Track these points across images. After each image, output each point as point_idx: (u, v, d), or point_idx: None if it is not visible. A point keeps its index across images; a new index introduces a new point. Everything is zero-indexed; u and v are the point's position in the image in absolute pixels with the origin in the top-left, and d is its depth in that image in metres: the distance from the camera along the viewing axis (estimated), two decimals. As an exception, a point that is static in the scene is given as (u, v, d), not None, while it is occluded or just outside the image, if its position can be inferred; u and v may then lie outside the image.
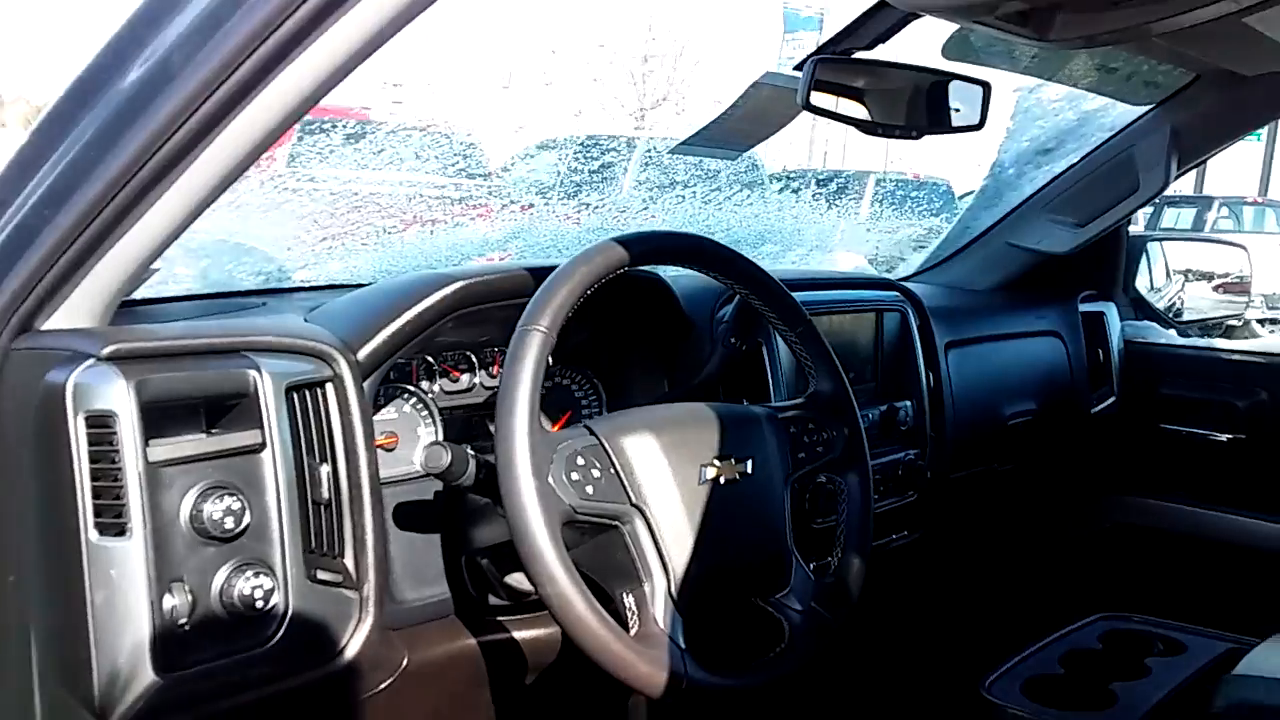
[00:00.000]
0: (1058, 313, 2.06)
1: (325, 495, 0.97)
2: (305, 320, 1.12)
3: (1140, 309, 2.28)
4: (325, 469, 0.98)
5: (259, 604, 0.90)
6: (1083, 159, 1.95)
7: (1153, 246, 2.38)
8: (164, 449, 0.88)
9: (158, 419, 0.88)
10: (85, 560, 0.84)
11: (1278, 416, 1.92)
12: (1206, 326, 2.58)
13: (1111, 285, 2.21)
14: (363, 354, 1.06)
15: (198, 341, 0.94)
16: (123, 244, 0.87)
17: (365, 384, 1.06)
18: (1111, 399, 2.07)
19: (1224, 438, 1.96)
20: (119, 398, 0.85)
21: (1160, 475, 2.05)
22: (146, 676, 0.84)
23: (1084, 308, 2.10)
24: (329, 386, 1.01)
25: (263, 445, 0.93)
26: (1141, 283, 2.32)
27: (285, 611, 0.93)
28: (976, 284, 2.11)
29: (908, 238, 2.90)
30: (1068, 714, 1.13)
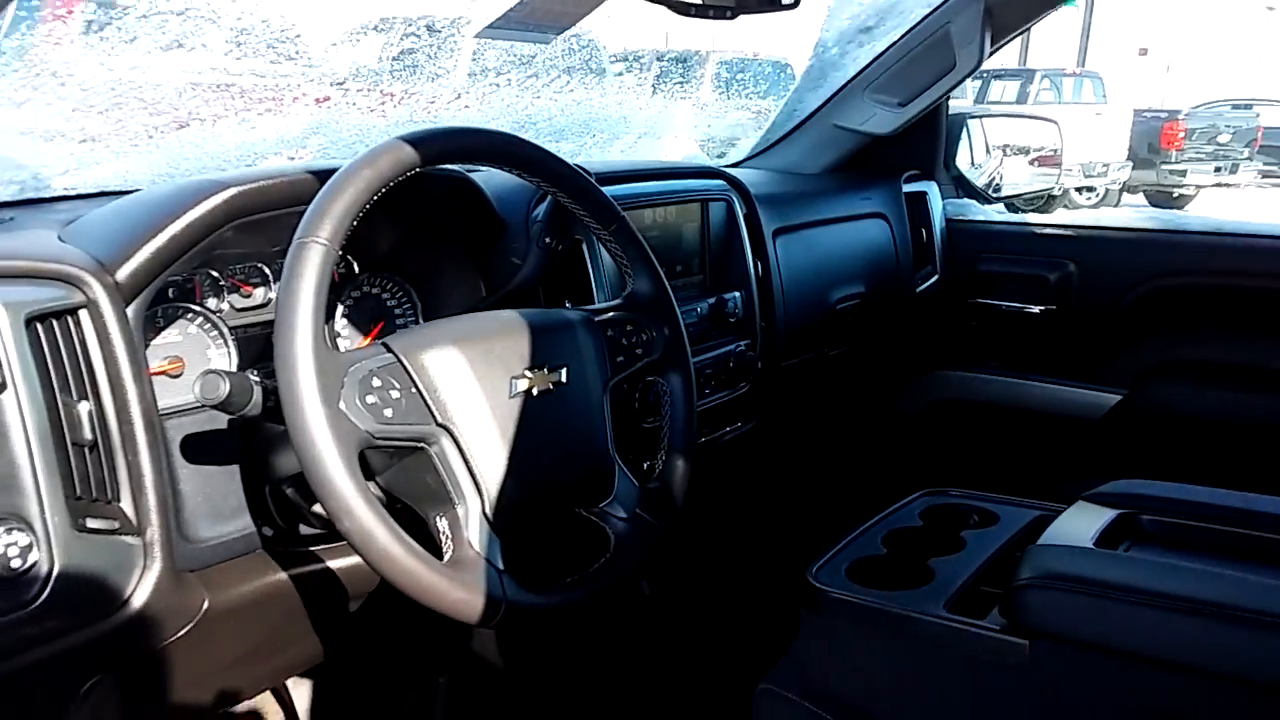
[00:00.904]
0: (883, 194, 2.08)
1: (88, 436, 0.88)
2: (60, 238, 0.99)
3: (961, 187, 2.33)
4: (86, 406, 0.88)
5: (15, 563, 0.81)
6: (902, 36, 1.94)
7: (972, 124, 2.42)
8: None
9: None
10: None
11: (1084, 286, 2.02)
12: (1028, 200, 2.67)
13: (933, 164, 2.24)
14: (122, 274, 0.94)
15: None
16: None
17: (132, 307, 0.95)
18: (934, 278, 2.13)
19: (1036, 309, 2.04)
20: None
21: (977, 349, 2.13)
22: None
23: (908, 188, 2.13)
24: (82, 314, 0.90)
25: (3, 385, 0.82)
26: (962, 160, 2.36)
27: (50, 568, 0.84)
28: (805, 168, 2.11)
29: (741, 121, 2.86)
30: (887, 594, 1.17)
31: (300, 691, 1.46)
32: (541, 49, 2.12)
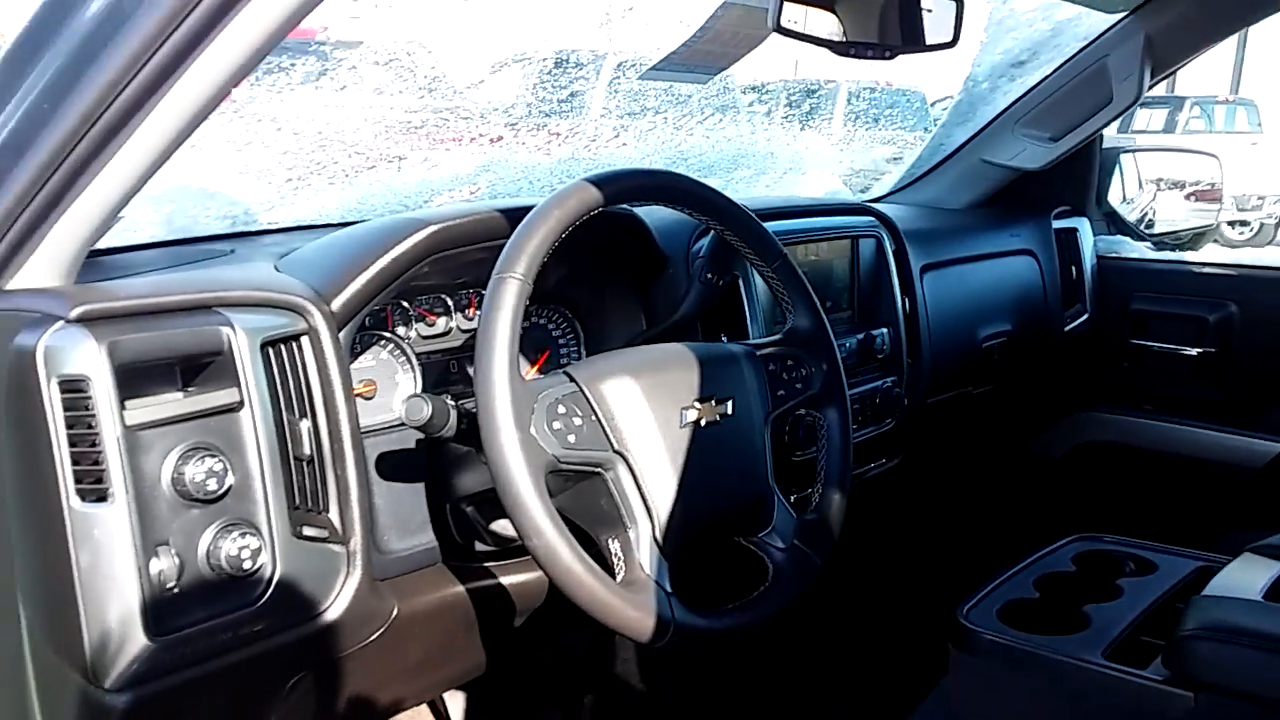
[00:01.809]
0: (1032, 230, 2.06)
1: (307, 451, 0.97)
2: (276, 268, 1.10)
3: (1113, 223, 2.28)
4: (305, 424, 0.97)
5: (246, 564, 0.90)
6: (1056, 70, 1.93)
7: (1125, 158, 2.37)
8: (141, 412, 0.87)
9: (132, 380, 0.87)
10: (69, 527, 0.83)
11: (1246, 329, 1.95)
12: (1178, 236, 2.59)
13: (1085, 200, 2.21)
14: (337, 304, 1.04)
15: (169, 299, 0.92)
16: (87, 195, 0.85)
17: (343, 334, 1.05)
18: (1084, 316, 2.09)
19: (1193, 352, 1.98)
20: (92, 361, 0.83)
21: (1131, 391, 2.08)
22: (138, 640, 0.85)
23: (1058, 224, 2.10)
24: (305, 340, 0.99)
25: (241, 403, 0.92)
26: (1114, 195, 2.31)
27: (273, 570, 0.93)
28: (950, 203, 2.11)
29: (882, 155, 2.87)
30: (1041, 638, 1.16)
31: (455, 704, 1.54)
32: (699, 88, 2.19)
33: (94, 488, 0.83)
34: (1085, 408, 2.12)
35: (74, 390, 0.83)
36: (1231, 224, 9.28)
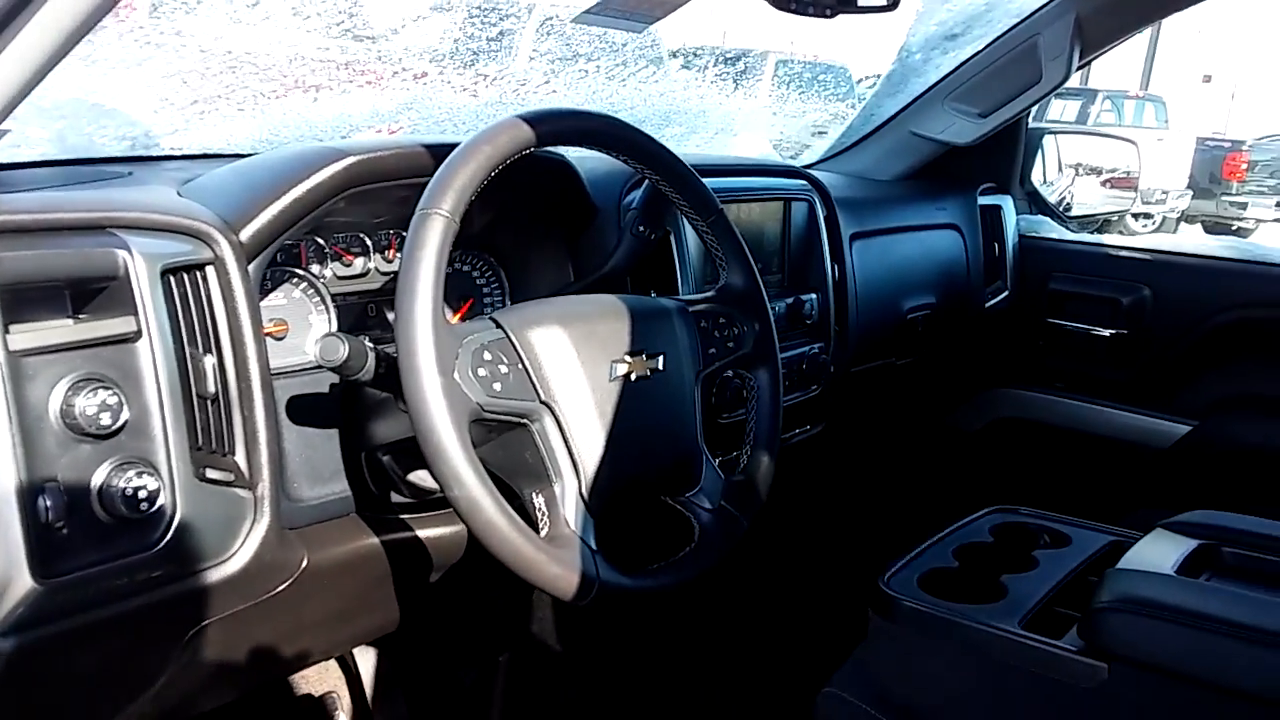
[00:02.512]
0: (958, 205, 2.07)
1: (211, 389, 0.90)
2: (179, 194, 1.02)
3: (1034, 203, 2.31)
4: (210, 360, 0.90)
5: (143, 505, 0.83)
6: (988, 46, 1.93)
7: (1048, 140, 2.40)
8: (25, 336, 0.80)
9: (16, 303, 0.79)
10: None
11: (1157, 312, 1.99)
12: (1094, 220, 2.65)
13: (1009, 178, 2.23)
14: (246, 234, 0.97)
15: (58, 215, 0.84)
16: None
17: (252, 267, 0.98)
18: (1005, 293, 2.11)
19: (1106, 333, 2.03)
20: None
21: (1047, 369, 2.11)
22: (23, 583, 0.78)
23: (983, 200, 2.12)
24: (210, 270, 0.92)
25: (138, 334, 0.85)
26: (1036, 175, 2.34)
27: (172, 512, 0.86)
28: (880, 173, 2.10)
29: (810, 123, 2.86)
30: (961, 606, 1.17)
31: (365, 660, 1.49)
32: (633, 37, 2.13)
33: None
34: (1003, 384, 2.15)
35: None
36: (1135, 216, 9.64)
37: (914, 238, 1.96)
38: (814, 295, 1.64)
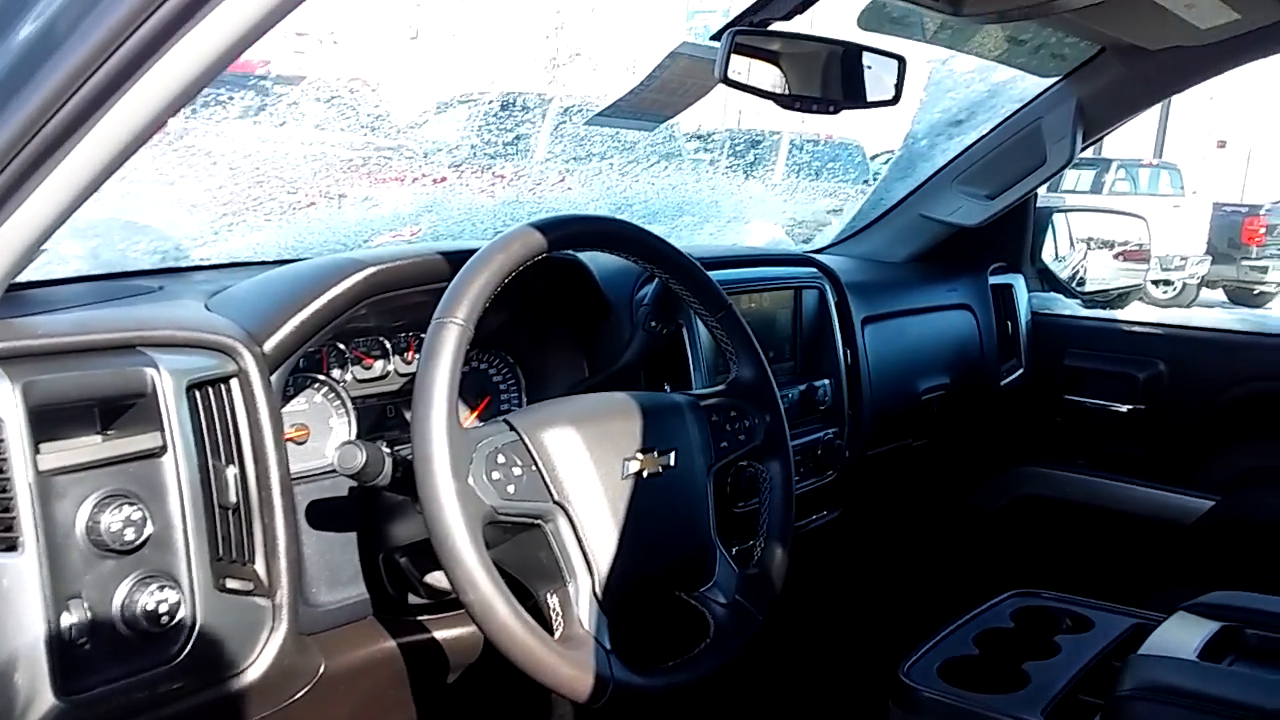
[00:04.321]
0: (969, 285, 2.09)
1: (233, 499, 0.93)
2: (207, 307, 1.06)
3: (1046, 280, 2.34)
4: (232, 471, 0.93)
5: (164, 619, 0.85)
6: (992, 130, 1.97)
7: (1058, 218, 2.43)
8: (55, 456, 0.83)
9: (48, 422, 0.82)
10: None
11: (1174, 387, 1.99)
12: (1107, 294, 2.66)
13: (1019, 256, 2.25)
14: (269, 345, 1.00)
15: (89, 337, 0.88)
16: (6, 227, 0.80)
17: (274, 376, 1.01)
18: (1020, 371, 2.12)
19: (1124, 408, 2.02)
20: (4, 402, 0.80)
21: (1065, 446, 2.11)
22: (46, 700, 0.80)
23: (994, 279, 2.14)
24: (234, 382, 0.95)
25: (163, 449, 0.88)
26: (1047, 253, 2.37)
27: (192, 624, 0.88)
28: (890, 256, 2.13)
29: (823, 207, 2.91)
30: (982, 696, 1.16)
31: None
32: (644, 135, 2.20)
33: (2, 536, 0.79)
34: (1021, 462, 2.14)
35: None
36: (1156, 283, 9.62)
37: (926, 319, 1.98)
38: (827, 381, 1.66)
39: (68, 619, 0.80)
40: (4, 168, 0.77)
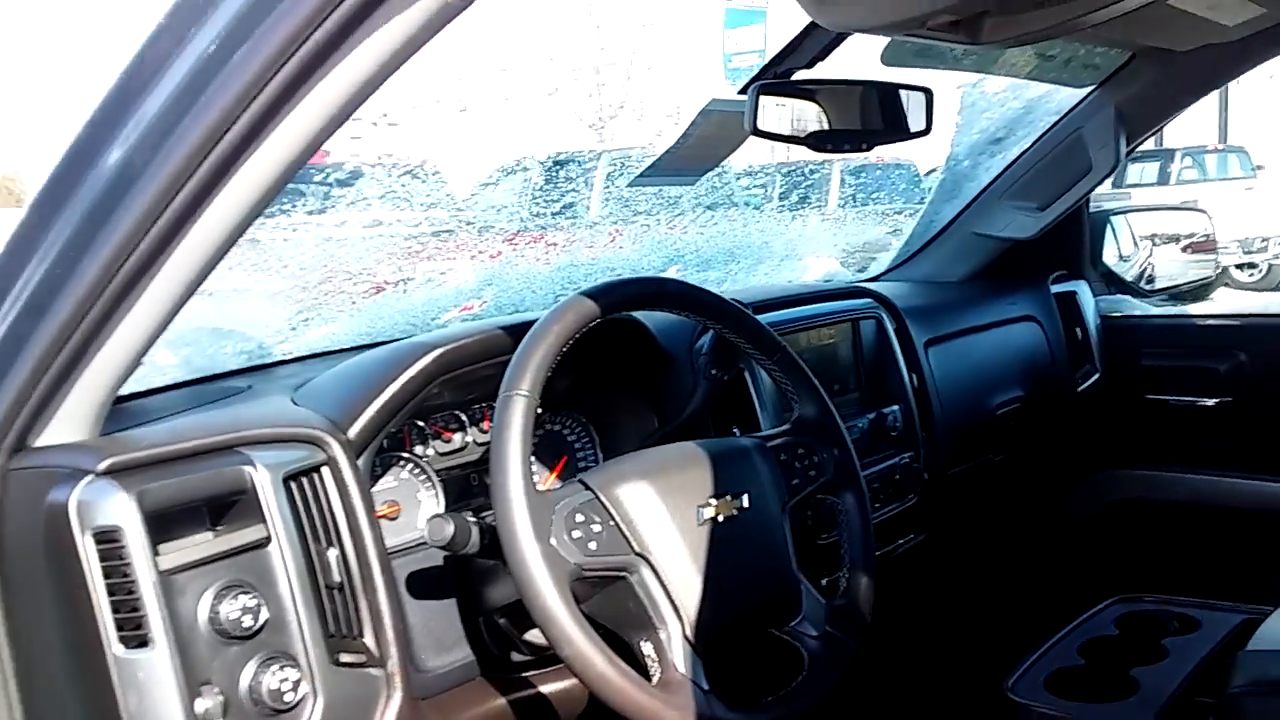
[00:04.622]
0: (1030, 297, 2.08)
1: (337, 578, 0.98)
2: (293, 400, 1.13)
3: (1112, 282, 2.31)
4: (333, 552, 0.99)
5: (288, 696, 0.91)
6: (1034, 144, 1.98)
7: (1117, 219, 2.41)
8: (173, 556, 0.89)
9: (162, 524, 0.89)
10: (114, 673, 0.85)
11: (1259, 377, 1.95)
12: (1180, 289, 2.61)
13: (1080, 263, 2.23)
14: (353, 432, 1.07)
15: (191, 444, 0.95)
16: (107, 349, 0.88)
17: (361, 460, 1.07)
18: (1095, 376, 2.10)
19: (1210, 402, 1.98)
20: (122, 511, 0.86)
21: (1152, 446, 2.07)
22: None
23: (1056, 289, 2.13)
24: (325, 470, 1.02)
25: (268, 539, 0.94)
26: (1109, 255, 2.35)
27: (315, 700, 0.93)
28: (948, 276, 2.14)
29: (882, 231, 2.92)
30: (1093, 706, 1.15)
31: None
32: (687, 189, 2.26)
33: (134, 634, 0.85)
34: (1109, 466, 2.11)
35: (108, 541, 0.85)
36: (1240, 267, 9.32)
37: (990, 335, 1.98)
38: (896, 407, 1.67)
39: (201, 705, 0.86)
40: (99, 296, 0.85)
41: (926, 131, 1.48)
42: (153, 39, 0.80)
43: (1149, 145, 11.93)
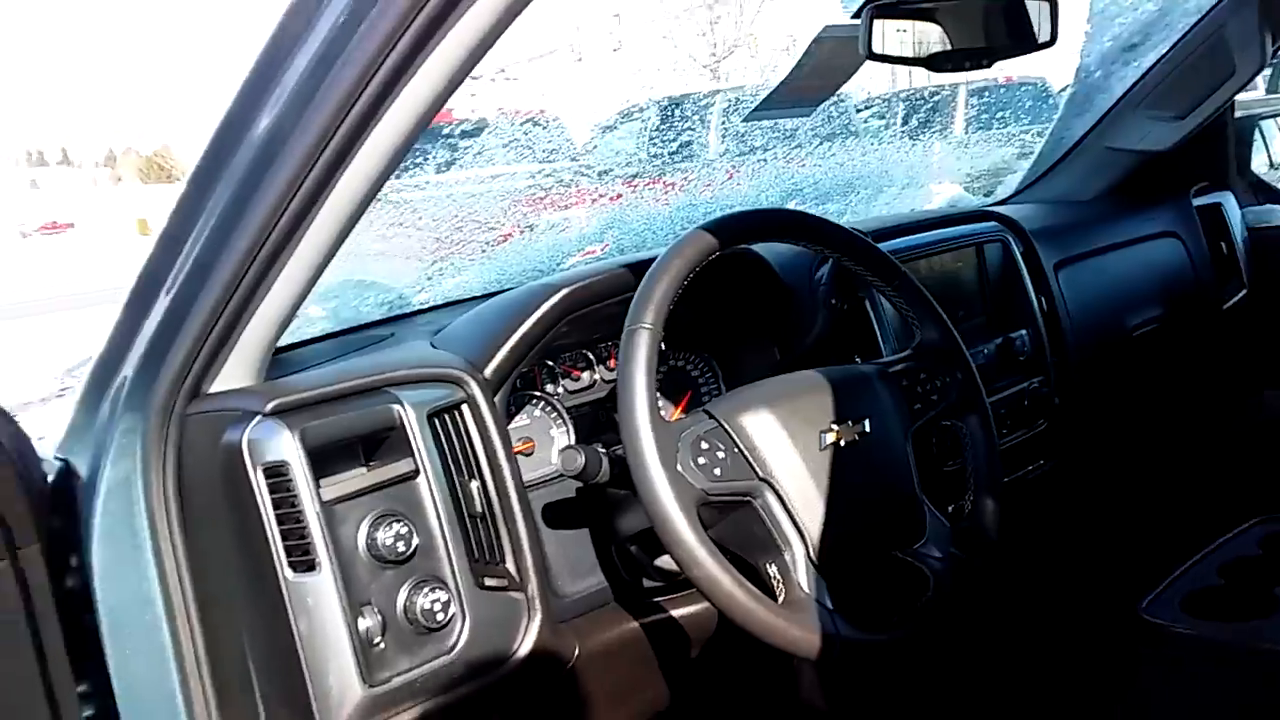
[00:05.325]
0: (1171, 211, 2.00)
1: (479, 508, 1.06)
2: (432, 345, 1.20)
3: (1261, 192, 2.19)
4: (475, 484, 1.06)
5: (439, 615, 0.99)
6: (1171, 49, 1.87)
7: (1266, 124, 2.27)
8: (334, 488, 0.98)
9: (323, 460, 0.97)
10: (286, 596, 0.94)
11: None
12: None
13: (1225, 173, 2.12)
14: (489, 371, 1.13)
15: (345, 385, 1.03)
16: (268, 302, 0.96)
17: (496, 398, 1.14)
18: (1243, 292, 2.00)
19: (1369, 314, 1.87)
20: (288, 447, 0.94)
21: None
22: (355, 692, 0.94)
23: (1198, 201, 2.03)
24: (464, 408, 1.08)
25: (417, 471, 1.02)
26: (1259, 163, 2.22)
27: (462, 620, 1.01)
28: (1081, 195, 2.06)
29: (1010, 153, 2.82)
30: (1229, 625, 1.13)
31: None
32: (803, 121, 2.23)
33: (303, 559, 0.94)
34: (1258, 385, 2.01)
35: (276, 475, 0.94)
36: None
37: (1127, 254, 1.91)
38: (1024, 331, 1.64)
39: (363, 623, 0.95)
40: (256, 255, 0.92)
41: (1052, 42, 1.42)
42: (291, 11, 0.86)
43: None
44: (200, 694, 0.98)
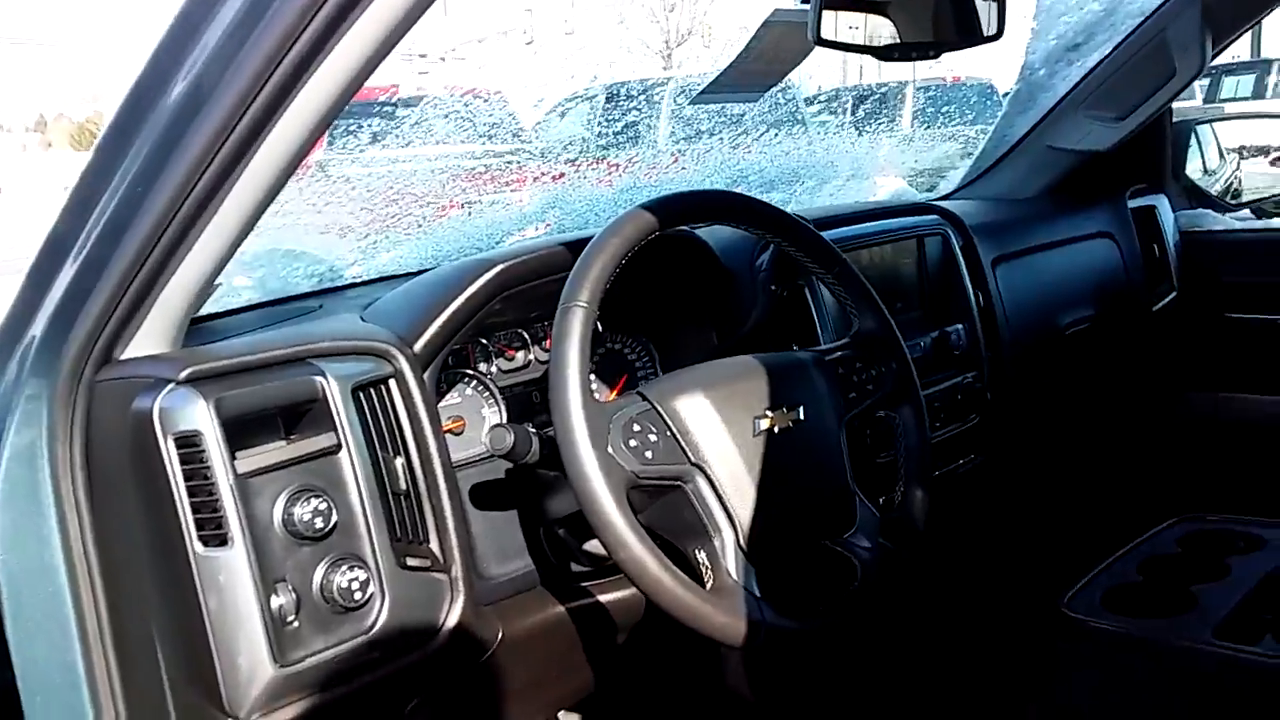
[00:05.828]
0: (1107, 212, 2.03)
1: (403, 486, 1.03)
2: (361, 319, 1.17)
3: (1193, 196, 2.23)
4: (400, 461, 1.03)
5: (357, 595, 0.96)
6: (1114, 50, 1.90)
7: (1201, 129, 2.31)
8: (250, 460, 0.94)
9: (240, 431, 0.94)
10: (195, 571, 0.90)
11: None
12: (1270, 205, 2.51)
13: (1160, 176, 2.16)
14: (419, 346, 1.10)
15: (265, 355, 0.99)
16: (185, 266, 0.92)
17: (425, 374, 1.11)
18: (1172, 294, 2.04)
19: (1293, 319, 1.92)
20: (201, 417, 0.91)
21: (1229, 366, 2.02)
22: (266, 671, 0.91)
23: (1134, 203, 2.07)
24: (391, 382, 1.05)
25: (339, 446, 0.99)
26: (1193, 168, 2.26)
27: (382, 600, 0.98)
28: (1021, 192, 2.09)
29: (954, 150, 2.85)
30: (1147, 621, 1.15)
31: None
32: (750, 107, 2.22)
33: (214, 533, 0.90)
34: (1181, 387, 2.06)
35: (189, 445, 0.90)
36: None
37: (1063, 252, 1.93)
38: (959, 326, 1.65)
39: (276, 601, 0.92)
40: (175, 215, 0.88)
41: (999, 36, 1.43)
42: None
43: (1245, 56, 11.31)
44: (103, 668, 0.95)
